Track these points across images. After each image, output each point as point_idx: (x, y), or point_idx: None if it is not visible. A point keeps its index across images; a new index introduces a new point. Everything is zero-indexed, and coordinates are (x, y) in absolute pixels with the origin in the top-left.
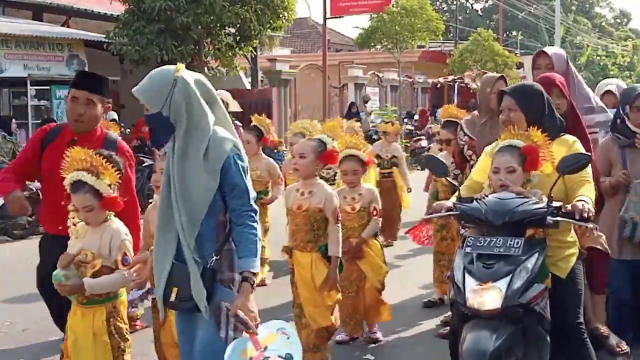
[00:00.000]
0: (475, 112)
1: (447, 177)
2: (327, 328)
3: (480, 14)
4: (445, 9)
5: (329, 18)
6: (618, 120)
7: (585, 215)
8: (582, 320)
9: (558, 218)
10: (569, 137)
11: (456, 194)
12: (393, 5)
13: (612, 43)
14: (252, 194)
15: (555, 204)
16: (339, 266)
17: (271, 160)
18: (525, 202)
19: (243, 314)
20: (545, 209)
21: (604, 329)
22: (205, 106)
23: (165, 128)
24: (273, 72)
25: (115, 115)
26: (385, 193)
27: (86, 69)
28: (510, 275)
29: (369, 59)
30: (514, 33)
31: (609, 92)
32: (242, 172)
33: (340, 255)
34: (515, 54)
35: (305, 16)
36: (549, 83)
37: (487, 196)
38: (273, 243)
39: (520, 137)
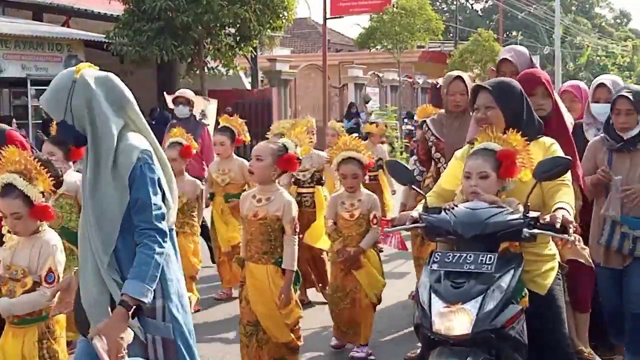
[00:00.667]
0: (442, 110)
1: (412, 185)
2: (286, 344)
3: (480, 14)
4: (445, 9)
5: (329, 18)
6: (610, 121)
7: (565, 226)
8: (567, 342)
9: (535, 230)
10: (547, 140)
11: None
12: (393, 5)
13: (612, 43)
14: (161, 210)
15: (532, 214)
16: (295, 279)
17: (244, 161)
18: (499, 213)
19: (100, 342)
20: (521, 221)
21: (588, 352)
22: (107, 109)
23: (74, 138)
24: (273, 72)
25: None
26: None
27: None
28: (482, 296)
29: (369, 59)
30: (514, 33)
31: (602, 85)
32: (150, 185)
33: (295, 268)
34: None
35: (305, 16)
36: (534, 81)
37: (456, 206)
38: None
39: (497, 139)
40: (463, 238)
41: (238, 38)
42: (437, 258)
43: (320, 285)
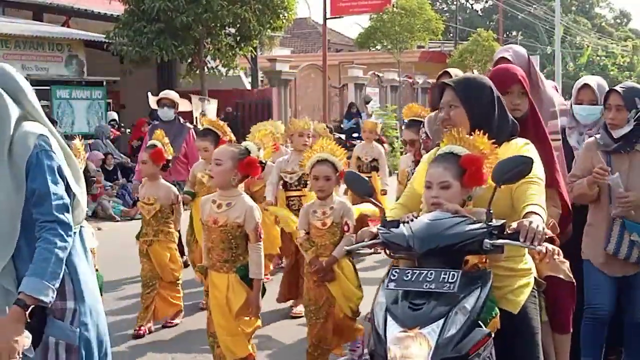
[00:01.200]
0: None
1: (371, 198)
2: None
3: (480, 14)
4: (445, 9)
5: (329, 18)
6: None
7: (534, 235)
8: None
9: (499, 241)
10: (519, 141)
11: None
12: (393, 5)
13: (612, 43)
14: (63, 200)
15: (496, 222)
16: (262, 290)
17: None
18: (458, 223)
19: None
20: (482, 230)
21: None
22: (3, 99)
23: None
24: (273, 72)
25: (115, 115)
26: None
27: (85, 69)
28: (443, 319)
29: (369, 59)
30: (514, 33)
31: (586, 86)
32: (48, 173)
33: (262, 277)
34: None
35: (305, 16)
36: (509, 77)
37: (416, 217)
38: None
39: (462, 142)
40: (419, 253)
41: (238, 38)
42: (394, 276)
43: None
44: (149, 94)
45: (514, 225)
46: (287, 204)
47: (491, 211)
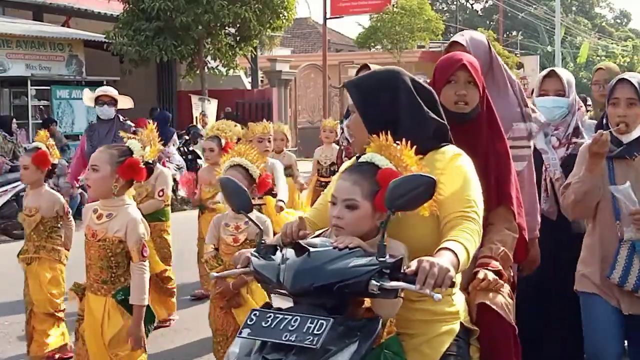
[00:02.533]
0: None
1: (245, 213)
2: None
3: (480, 14)
4: (445, 9)
5: (329, 18)
6: (604, 121)
7: (434, 280)
8: None
9: (390, 283)
10: (449, 150)
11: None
12: (393, 5)
13: (612, 43)
14: None
15: (390, 258)
16: (148, 317)
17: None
18: (342, 257)
19: None
20: (371, 268)
21: None
22: None
23: None
24: (273, 72)
25: None
26: None
27: (84, 69)
28: None
29: (369, 59)
30: (514, 33)
31: (552, 74)
32: None
33: (146, 303)
34: (515, 54)
35: (305, 16)
36: (453, 63)
37: (296, 244)
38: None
39: (388, 151)
40: (291, 292)
41: (238, 38)
42: (251, 320)
43: None
44: (86, 90)
45: (414, 264)
46: None
47: (385, 244)
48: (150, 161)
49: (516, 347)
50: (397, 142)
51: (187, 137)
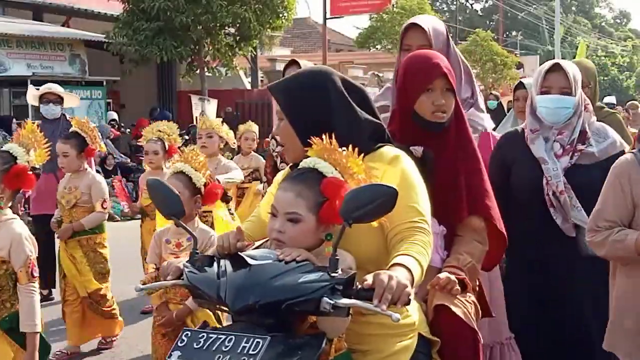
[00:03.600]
0: None
1: (177, 219)
2: None
3: (480, 14)
4: (445, 9)
5: (329, 18)
6: None
7: (390, 297)
8: None
9: (343, 300)
10: (387, 152)
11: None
12: (393, 5)
13: (611, 43)
14: None
15: (343, 274)
16: (42, 348)
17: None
18: (289, 272)
19: None
20: (323, 285)
21: None
22: None
23: None
24: (273, 72)
25: (115, 115)
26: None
27: (86, 68)
28: None
29: (369, 59)
30: (514, 33)
31: (557, 67)
32: None
33: (39, 330)
34: (515, 54)
35: (305, 16)
36: (432, 70)
37: (233, 255)
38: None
39: (333, 156)
40: (233, 310)
41: (238, 38)
42: (182, 341)
43: None
44: (30, 87)
45: (369, 278)
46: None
47: (337, 257)
48: (37, 166)
49: (477, 353)
50: (343, 147)
51: (187, 137)
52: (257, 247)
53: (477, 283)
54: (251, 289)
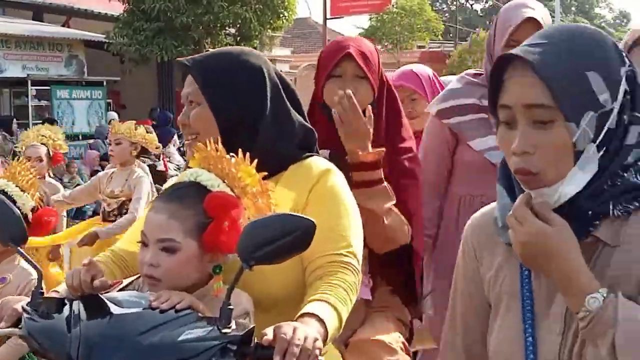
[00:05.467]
0: None
1: (16, 246)
2: None
3: (480, 14)
4: (445, 9)
5: (329, 18)
6: None
7: (299, 350)
8: None
9: None
10: (315, 164)
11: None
12: (393, 5)
13: None
14: None
15: (237, 329)
16: None
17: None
18: (166, 325)
19: None
20: (212, 344)
21: None
22: None
23: None
24: None
25: (115, 116)
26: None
27: (85, 69)
28: None
29: None
30: None
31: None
32: None
33: None
34: None
35: (305, 16)
36: (333, 53)
37: (89, 299)
38: None
39: (217, 164)
40: None
41: (238, 38)
42: None
43: None
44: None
45: (269, 331)
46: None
47: (231, 307)
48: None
49: None
50: (232, 154)
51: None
52: (123, 288)
53: (409, 317)
54: (114, 348)
